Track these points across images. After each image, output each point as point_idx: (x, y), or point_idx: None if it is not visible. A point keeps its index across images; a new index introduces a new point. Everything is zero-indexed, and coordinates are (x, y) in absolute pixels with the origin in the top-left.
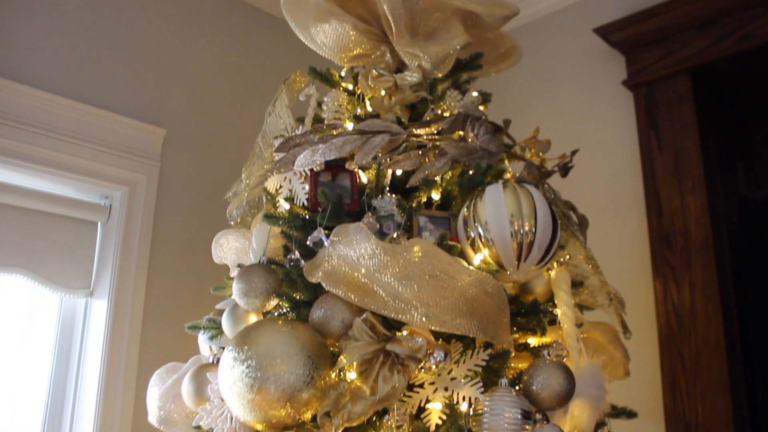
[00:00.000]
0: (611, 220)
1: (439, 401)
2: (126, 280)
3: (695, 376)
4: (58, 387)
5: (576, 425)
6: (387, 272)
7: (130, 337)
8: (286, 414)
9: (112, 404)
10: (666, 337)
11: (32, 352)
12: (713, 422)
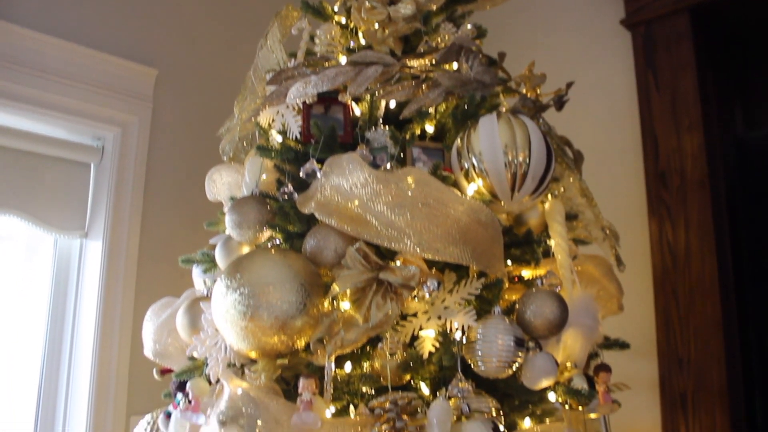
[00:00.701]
0: (607, 160)
1: (432, 329)
2: (120, 221)
3: (688, 313)
4: (56, 328)
5: (569, 355)
6: (380, 201)
7: (125, 277)
8: (280, 341)
9: (110, 343)
10: (660, 276)
11: (29, 294)
12: (705, 359)
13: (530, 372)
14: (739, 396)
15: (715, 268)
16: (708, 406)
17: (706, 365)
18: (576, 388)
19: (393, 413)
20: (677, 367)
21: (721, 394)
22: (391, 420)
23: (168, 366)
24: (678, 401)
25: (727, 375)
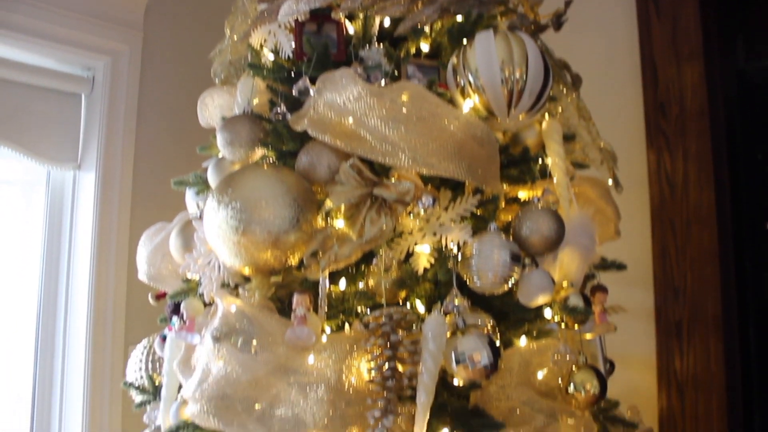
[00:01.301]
0: (606, 89)
1: (427, 245)
2: (113, 152)
3: (685, 243)
4: (52, 261)
5: (565, 274)
6: (374, 115)
7: (120, 208)
8: (273, 256)
9: (105, 274)
10: (658, 206)
11: (25, 232)
12: (701, 289)
13: (526, 288)
14: (733, 325)
15: (712, 198)
16: (702, 334)
17: (702, 294)
18: (572, 306)
19: (388, 327)
20: (673, 297)
21: (716, 323)
22: (386, 334)
23: (163, 289)
24: (673, 330)
25: (722, 304)
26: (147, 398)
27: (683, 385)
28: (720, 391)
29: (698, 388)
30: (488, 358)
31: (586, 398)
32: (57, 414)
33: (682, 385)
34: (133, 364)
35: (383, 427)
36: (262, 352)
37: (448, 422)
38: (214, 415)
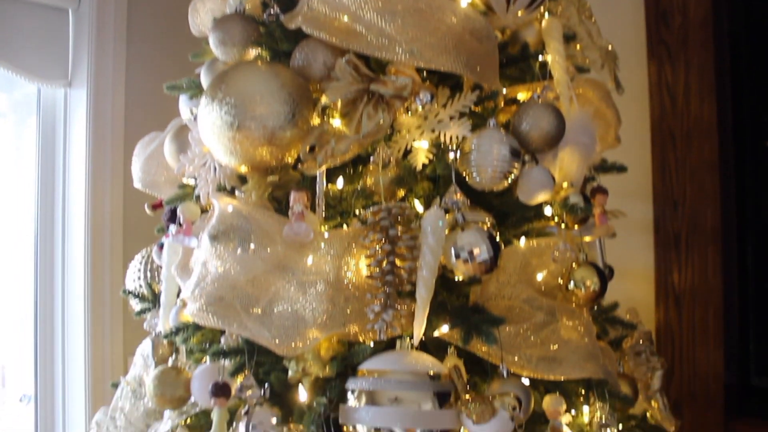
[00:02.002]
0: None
1: (425, 141)
2: (104, 67)
3: (685, 155)
4: (47, 181)
5: (565, 174)
6: (369, 8)
7: (113, 124)
8: (269, 153)
9: (102, 191)
10: (658, 118)
11: (16, 160)
12: (700, 201)
13: (526, 185)
14: (732, 237)
15: (714, 109)
16: (701, 247)
17: (701, 207)
18: (572, 203)
19: (386, 222)
20: (671, 209)
21: (715, 236)
22: (384, 229)
23: (159, 198)
24: (671, 243)
25: (722, 216)
26: (146, 306)
27: (681, 297)
28: (717, 303)
29: (696, 300)
30: (488, 252)
31: (586, 295)
32: (59, 326)
33: (680, 297)
34: (131, 273)
35: (383, 321)
36: (260, 250)
37: (448, 319)
38: (213, 313)
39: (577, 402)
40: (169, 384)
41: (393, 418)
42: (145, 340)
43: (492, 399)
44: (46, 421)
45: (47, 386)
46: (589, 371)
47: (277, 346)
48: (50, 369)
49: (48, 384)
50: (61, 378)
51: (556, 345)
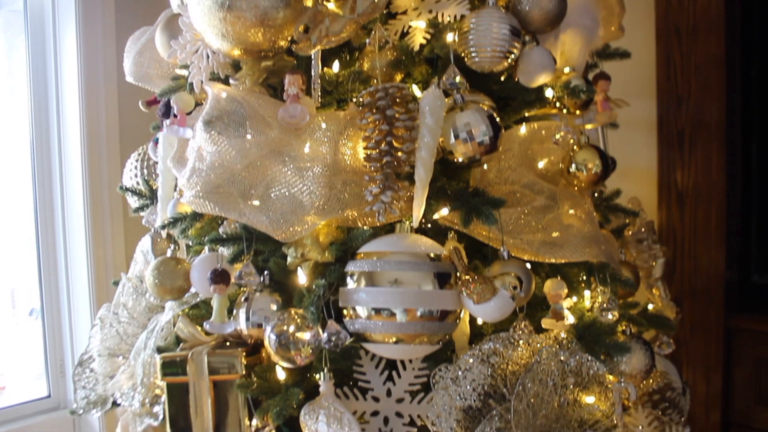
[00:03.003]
0: None
1: (422, 21)
2: None
3: (690, 50)
4: (38, 79)
5: (567, 59)
6: None
7: (104, 21)
8: (262, 35)
9: (95, 88)
10: (663, 13)
11: (8, 60)
12: (705, 96)
13: (526, 66)
14: (736, 133)
15: (721, 1)
16: (705, 143)
17: (706, 102)
18: (574, 85)
19: (384, 102)
20: (676, 105)
21: (719, 131)
22: (382, 109)
23: (153, 95)
24: (675, 140)
25: (727, 111)
26: (144, 203)
27: (683, 195)
28: (720, 201)
29: (698, 198)
30: (488, 132)
31: (588, 177)
32: (60, 230)
33: (683, 195)
34: (128, 171)
35: (382, 203)
36: (255, 135)
37: (448, 203)
38: (210, 200)
39: (579, 287)
40: (168, 274)
41: (393, 298)
42: (145, 237)
43: (492, 279)
44: (53, 327)
45: (52, 293)
46: (591, 254)
47: (275, 231)
48: (54, 274)
49: (53, 289)
50: (65, 281)
51: (558, 232)
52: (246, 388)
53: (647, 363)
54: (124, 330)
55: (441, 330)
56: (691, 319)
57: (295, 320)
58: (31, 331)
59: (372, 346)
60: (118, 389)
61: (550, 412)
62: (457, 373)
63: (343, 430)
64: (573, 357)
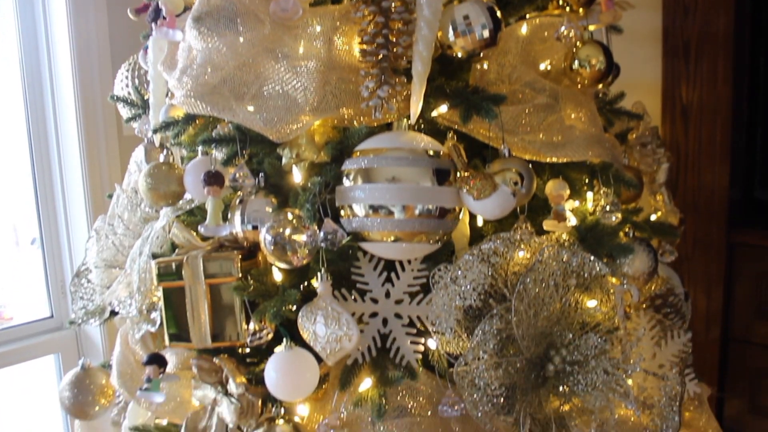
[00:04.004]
0: None
1: None
2: None
3: None
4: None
5: None
6: None
7: None
8: None
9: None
10: None
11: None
12: (712, 6)
13: None
14: (744, 44)
15: None
16: (711, 54)
17: (713, 11)
18: None
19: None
20: (682, 14)
21: (726, 42)
22: (377, 1)
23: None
24: (680, 52)
25: (735, 23)
26: (137, 112)
27: (688, 110)
28: (725, 115)
29: (703, 112)
30: (487, 25)
31: (591, 74)
32: (54, 148)
33: (687, 109)
34: (119, 82)
35: (378, 98)
36: (247, 32)
37: (447, 101)
38: (201, 100)
39: (581, 190)
40: (161, 178)
41: (390, 194)
42: (138, 147)
43: (493, 175)
44: (53, 251)
45: (50, 219)
46: (595, 154)
47: (269, 131)
48: (51, 199)
49: (51, 215)
50: (62, 204)
51: (560, 135)
52: (242, 291)
53: (650, 265)
54: (120, 242)
55: (440, 228)
56: (693, 234)
57: (291, 222)
58: (34, 259)
59: (370, 246)
60: (116, 298)
61: (551, 314)
62: (456, 273)
63: (342, 330)
64: (575, 257)
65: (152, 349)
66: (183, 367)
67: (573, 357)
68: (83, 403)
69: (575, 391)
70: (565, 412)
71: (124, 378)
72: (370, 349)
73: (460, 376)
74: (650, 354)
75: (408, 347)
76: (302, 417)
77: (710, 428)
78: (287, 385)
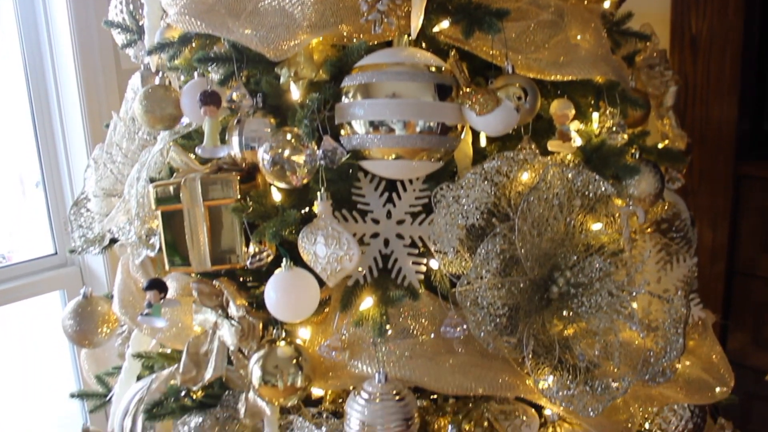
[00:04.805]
0: None
1: None
2: None
3: None
4: None
5: None
6: None
7: None
8: None
9: None
10: None
11: None
12: None
13: None
14: None
15: None
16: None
17: None
18: None
19: None
20: None
21: None
22: None
23: None
24: None
25: None
26: (132, 38)
27: (697, 40)
28: (735, 46)
29: (713, 43)
30: None
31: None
32: (51, 82)
33: (697, 40)
34: (113, 8)
35: (378, 12)
36: None
37: (448, 16)
38: (196, 17)
39: (587, 111)
40: (157, 101)
41: (390, 110)
42: (134, 74)
43: (496, 90)
44: (54, 190)
45: (51, 161)
46: (601, 71)
47: (266, 48)
48: (51, 137)
49: (52, 156)
50: (61, 139)
51: (565, 54)
52: (241, 212)
53: (657, 186)
54: (119, 170)
55: (441, 145)
56: (700, 167)
57: (290, 142)
58: (38, 202)
59: (370, 164)
60: (115, 225)
61: (555, 235)
62: (459, 192)
63: (342, 250)
64: (580, 175)
65: (153, 276)
66: (184, 293)
67: (577, 279)
68: (86, 330)
69: (579, 313)
70: (569, 335)
71: (126, 305)
72: (371, 270)
73: (463, 295)
74: (655, 278)
75: (410, 267)
76: (304, 340)
77: (714, 353)
78: (287, 305)
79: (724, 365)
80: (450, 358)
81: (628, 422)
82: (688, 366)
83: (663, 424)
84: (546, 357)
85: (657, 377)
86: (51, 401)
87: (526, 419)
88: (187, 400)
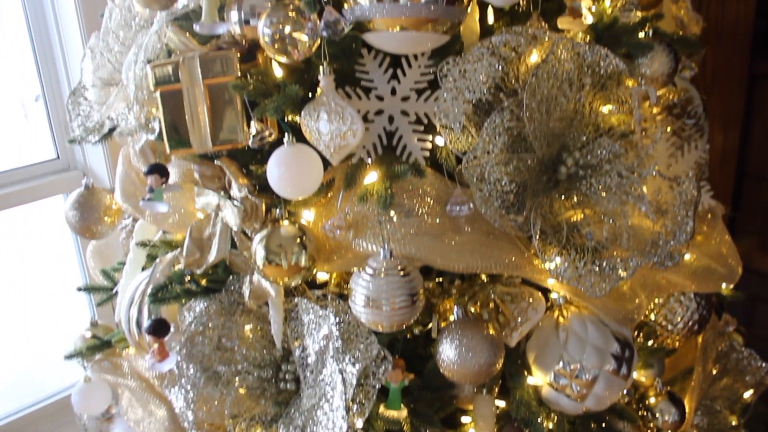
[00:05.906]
0: None
1: None
2: None
3: None
4: None
5: None
6: None
7: None
8: None
9: None
10: None
11: None
12: None
13: None
14: None
15: None
16: None
17: None
18: None
19: None
20: None
21: None
22: None
23: None
24: None
25: None
26: None
27: None
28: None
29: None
30: None
31: None
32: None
33: None
34: None
35: None
36: None
37: None
38: None
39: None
40: None
41: None
42: None
43: None
44: (54, 97)
45: (49, 68)
46: None
47: None
48: (46, 36)
49: (49, 65)
50: (56, 35)
51: None
52: (242, 89)
53: (670, 66)
54: (116, 59)
55: (447, 15)
56: (714, 65)
57: (291, 17)
58: (41, 115)
59: (374, 36)
60: (114, 111)
61: (564, 114)
62: (465, 66)
63: (345, 125)
64: (590, 50)
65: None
66: (185, 179)
67: (586, 160)
68: (88, 220)
69: (588, 195)
70: (578, 220)
71: (128, 195)
72: (375, 147)
73: (470, 170)
74: (666, 164)
75: (415, 144)
76: (308, 221)
77: (723, 245)
78: (291, 180)
79: (733, 255)
80: (456, 236)
81: (635, 312)
82: (695, 257)
83: (669, 315)
84: (554, 237)
85: (665, 260)
86: (57, 301)
87: (532, 302)
88: (191, 285)
